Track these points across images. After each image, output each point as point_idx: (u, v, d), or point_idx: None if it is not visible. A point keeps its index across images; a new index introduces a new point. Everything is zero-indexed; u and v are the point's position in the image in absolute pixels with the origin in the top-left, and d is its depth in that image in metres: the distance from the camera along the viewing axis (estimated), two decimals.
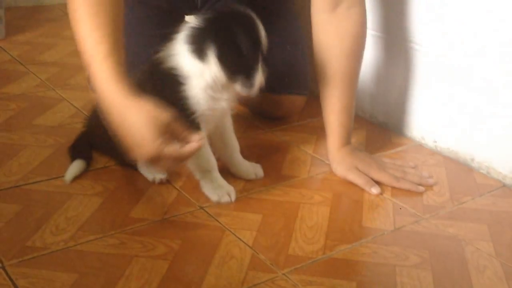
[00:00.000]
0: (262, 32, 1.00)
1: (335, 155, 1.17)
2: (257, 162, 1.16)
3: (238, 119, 1.40)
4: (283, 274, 0.88)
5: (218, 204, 1.04)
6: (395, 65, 1.38)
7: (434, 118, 1.32)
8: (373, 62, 1.40)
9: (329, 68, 1.15)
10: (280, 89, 1.37)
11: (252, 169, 1.14)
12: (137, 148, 0.90)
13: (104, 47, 0.92)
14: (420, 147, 1.35)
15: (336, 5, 1.13)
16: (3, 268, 0.84)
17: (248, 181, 1.13)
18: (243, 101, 1.45)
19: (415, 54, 1.33)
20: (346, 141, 1.17)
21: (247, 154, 1.16)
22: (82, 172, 1.11)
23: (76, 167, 1.10)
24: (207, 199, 1.05)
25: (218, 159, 1.10)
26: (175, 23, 1.37)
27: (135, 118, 0.89)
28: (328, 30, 1.14)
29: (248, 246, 0.93)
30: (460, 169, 1.25)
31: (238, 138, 1.15)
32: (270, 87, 1.37)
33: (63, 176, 1.09)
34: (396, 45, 1.37)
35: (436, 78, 1.30)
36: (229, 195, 1.05)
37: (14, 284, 0.81)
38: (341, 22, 1.13)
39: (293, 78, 1.39)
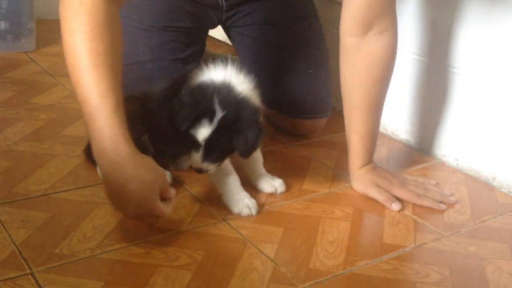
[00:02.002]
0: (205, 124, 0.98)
1: (356, 172, 1.18)
2: (278, 176, 1.18)
3: None
4: (304, 287, 0.89)
5: (239, 216, 1.06)
6: (420, 85, 1.40)
7: (456, 136, 1.33)
8: (398, 80, 1.41)
9: (357, 92, 1.14)
10: (301, 115, 1.39)
11: (273, 183, 1.16)
12: (135, 206, 0.90)
13: (110, 102, 0.89)
14: (441, 164, 1.35)
15: (367, 29, 1.10)
16: (32, 274, 0.86)
17: (270, 194, 1.15)
18: (265, 118, 1.48)
19: (440, 75, 1.34)
20: (368, 161, 1.18)
21: (268, 168, 1.18)
22: None
23: None
24: (230, 211, 1.07)
25: (240, 169, 1.12)
26: (200, 40, 1.42)
27: (144, 177, 0.89)
28: (357, 55, 1.12)
29: (270, 259, 0.95)
30: (481, 188, 1.25)
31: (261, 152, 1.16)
32: (290, 112, 1.40)
33: (90, 186, 1.12)
34: (423, 66, 1.38)
35: (459, 98, 1.31)
36: (250, 208, 1.06)
37: None
38: (371, 47, 1.11)
39: (314, 104, 1.40)
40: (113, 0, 0.92)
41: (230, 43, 1.63)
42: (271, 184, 1.15)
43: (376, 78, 1.13)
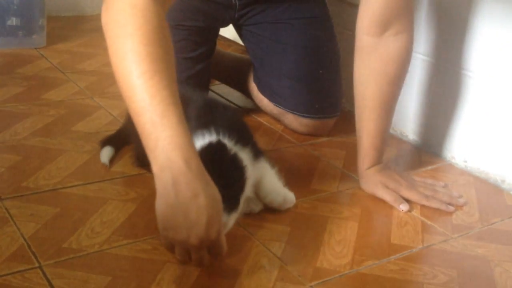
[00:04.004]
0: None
1: (365, 172, 1.18)
2: (286, 175, 1.17)
3: (269, 132, 1.44)
4: (311, 286, 0.89)
5: (247, 214, 1.05)
6: (429, 86, 1.39)
7: (465, 138, 1.33)
8: (407, 81, 1.41)
9: (370, 92, 1.14)
10: (310, 114, 1.40)
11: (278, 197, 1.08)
12: (203, 226, 0.78)
13: (176, 109, 0.81)
14: (450, 166, 1.35)
15: (385, 30, 1.10)
16: (40, 268, 0.87)
17: None
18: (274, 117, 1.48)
19: (450, 77, 1.34)
20: (378, 161, 1.18)
21: (277, 167, 1.18)
22: (113, 158, 1.20)
23: (108, 151, 1.19)
24: None
25: None
26: (211, 39, 1.42)
27: (213, 193, 0.80)
28: (373, 55, 1.12)
29: (277, 257, 0.95)
30: (490, 190, 1.25)
31: (269, 151, 1.16)
32: (299, 111, 1.41)
33: (99, 181, 1.12)
34: (433, 68, 1.38)
35: (469, 100, 1.31)
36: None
37: (50, 284, 0.84)
38: (388, 47, 1.11)
39: (324, 104, 1.40)
40: (161, 3, 0.88)
41: (240, 42, 1.64)
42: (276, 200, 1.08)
43: (390, 79, 1.13)
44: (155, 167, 0.81)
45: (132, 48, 0.82)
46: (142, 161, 1.18)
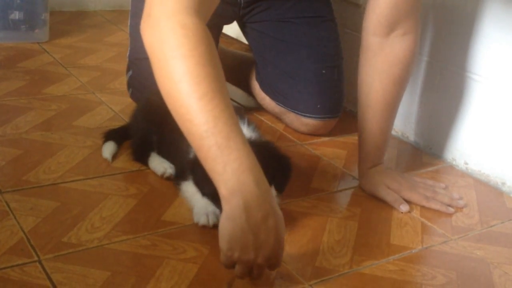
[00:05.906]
0: None
1: (365, 172, 1.18)
2: None
3: (270, 130, 1.44)
4: (310, 285, 0.89)
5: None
6: (430, 87, 1.39)
7: (466, 140, 1.32)
8: (410, 82, 1.41)
9: (374, 92, 1.14)
10: (311, 114, 1.40)
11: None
12: (271, 246, 0.80)
13: (239, 129, 0.81)
14: (451, 168, 1.35)
15: (391, 30, 1.10)
16: (40, 262, 0.87)
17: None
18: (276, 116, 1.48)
19: (452, 79, 1.34)
20: (379, 162, 1.18)
21: None
22: (115, 154, 1.20)
23: (110, 146, 1.20)
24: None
25: None
26: (214, 37, 1.42)
27: (279, 212, 0.82)
28: (379, 55, 1.12)
29: None
30: (490, 192, 1.25)
31: None
32: (301, 111, 1.41)
33: (99, 177, 1.12)
34: (435, 69, 1.38)
35: (470, 103, 1.31)
36: (208, 216, 1.00)
37: (49, 278, 0.84)
38: (394, 48, 1.11)
39: (326, 104, 1.40)
40: (204, 20, 0.86)
41: (242, 40, 1.64)
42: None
43: (395, 79, 1.13)
44: (223, 190, 0.80)
45: (189, 69, 0.81)
46: (140, 155, 1.18)
